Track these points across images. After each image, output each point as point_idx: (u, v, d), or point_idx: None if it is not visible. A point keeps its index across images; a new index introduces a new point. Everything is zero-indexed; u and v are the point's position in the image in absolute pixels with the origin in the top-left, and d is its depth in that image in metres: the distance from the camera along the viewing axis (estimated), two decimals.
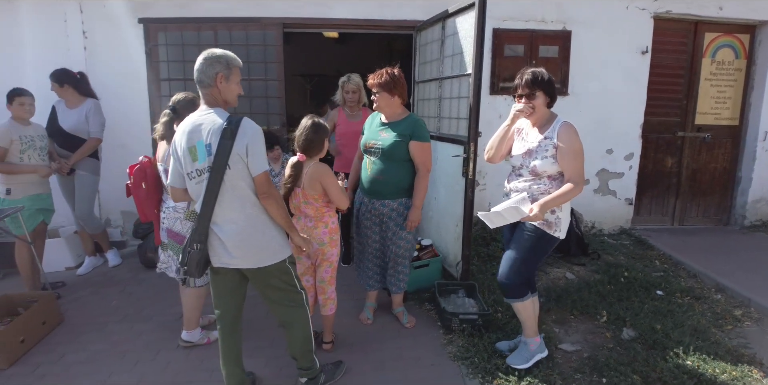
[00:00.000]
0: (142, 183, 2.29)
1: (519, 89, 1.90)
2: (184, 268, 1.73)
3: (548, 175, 1.90)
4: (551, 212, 1.90)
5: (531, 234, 1.93)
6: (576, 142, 1.85)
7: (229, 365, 1.87)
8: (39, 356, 2.37)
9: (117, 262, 3.43)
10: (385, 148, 2.20)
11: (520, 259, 1.95)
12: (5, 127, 2.82)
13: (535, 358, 2.06)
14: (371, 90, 2.24)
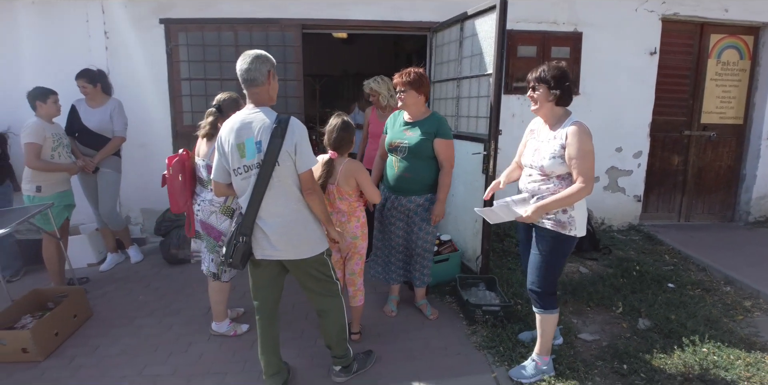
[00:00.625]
0: (179, 175, 2.36)
1: (528, 82, 1.91)
2: (229, 260, 1.81)
3: (557, 176, 1.86)
4: (563, 212, 1.87)
5: (547, 237, 1.91)
6: (585, 143, 1.79)
7: (268, 354, 1.95)
8: (73, 349, 2.44)
9: (139, 258, 3.49)
10: (412, 146, 2.28)
11: (544, 264, 1.93)
12: (38, 124, 2.88)
13: (540, 376, 1.99)
14: (396, 88, 2.32)
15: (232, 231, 1.80)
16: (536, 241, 1.96)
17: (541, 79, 1.84)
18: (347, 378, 2.04)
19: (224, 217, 2.29)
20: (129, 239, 3.47)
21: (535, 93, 1.87)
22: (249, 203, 1.75)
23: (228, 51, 3.53)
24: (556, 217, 1.88)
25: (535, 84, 1.86)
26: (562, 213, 1.88)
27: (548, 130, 1.92)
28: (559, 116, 1.89)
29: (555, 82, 1.83)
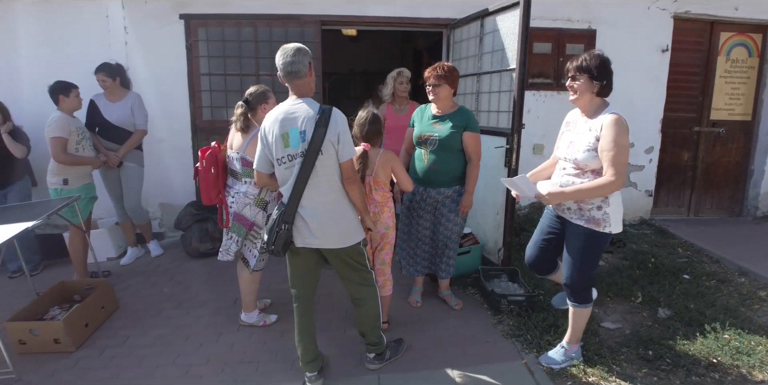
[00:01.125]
0: (212, 167, 2.39)
1: (568, 71, 1.86)
2: (271, 247, 1.85)
3: (591, 170, 1.82)
4: (597, 209, 1.84)
5: (581, 234, 1.89)
6: (620, 136, 1.74)
7: (305, 341, 1.99)
8: (103, 340, 2.47)
9: (159, 252, 3.52)
10: (443, 138, 2.33)
11: (579, 261, 1.93)
12: (63, 118, 2.90)
13: (570, 362, 2.05)
14: (427, 83, 2.36)
15: (275, 219, 1.84)
16: (568, 238, 1.96)
17: (583, 68, 1.80)
18: (380, 365, 2.09)
19: (258, 209, 2.33)
20: (150, 234, 3.49)
21: (575, 83, 1.83)
22: (292, 191, 1.79)
23: (248, 47, 3.55)
24: (590, 214, 1.86)
25: (576, 73, 1.82)
26: (596, 210, 1.85)
27: (585, 122, 1.88)
28: (597, 107, 1.86)
29: (598, 72, 1.79)
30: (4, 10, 3.48)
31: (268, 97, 2.38)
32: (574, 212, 1.93)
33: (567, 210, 1.95)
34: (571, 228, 1.95)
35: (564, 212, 1.96)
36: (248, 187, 2.33)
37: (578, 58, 1.87)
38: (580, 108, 1.93)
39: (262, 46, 3.55)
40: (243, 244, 2.40)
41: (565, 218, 1.97)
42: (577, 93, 1.86)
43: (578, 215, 1.91)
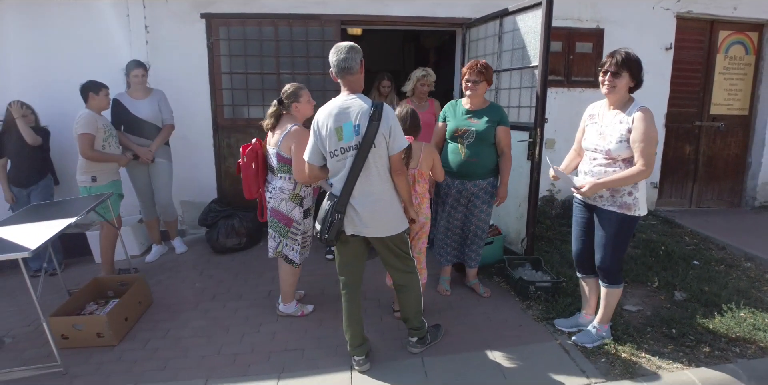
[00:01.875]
0: (252, 163, 2.47)
1: (606, 66, 1.95)
2: (325, 236, 1.93)
3: (623, 159, 1.95)
4: (628, 194, 1.98)
5: (613, 220, 2.01)
6: (650, 129, 1.88)
7: (353, 326, 2.08)
8: (144, 333, 2.52)
9: (183, 249, 3.55)
10: (480, 132, 2.44)
11: (612, 245, 2.05)
12: (91, 115, 2.94)
13: (601, 341, 2.17)
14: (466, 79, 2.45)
15: (327, 209, 1.93)
16: (601, 224, 2.08)
17: (625, 65, 1.91)
18: (423, 349, 2.19)
19: (294, 204, 2.41)
20: (176, 230, 3.53)
21: (615, 79, 1.93)
22: (345, 182, 1.88)
23: (268, 45, 3.61)
24: (622, 200, 1.99)
25: (618, 70, 1.92)
26: (627, 195, 1.99)
27: (613, 115, 2.00)
28: (626, 101, 2.00)
29: (638, 70, 1.92)
30: (28, 9, 3.48)
31: (300, 96, 2.44)
32: (606, 199, 2.05)
33: (599, 198, 2.07)
34: (603, 215, 2.07)
35: (596, 201, 2.09)
36: (283, 183, 2.41)
37: (617, 54, 1.96)
38: (612, 102, 2.03)
39: (283, 45, 3.61)
40: (285, 243, 2.47)
41: (596, 205, 2.10)
42: (616, 87, 1.95)
43: (611, 202, 2.04)
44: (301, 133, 2.27)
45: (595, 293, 2.29)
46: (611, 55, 1.99)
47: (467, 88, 2.46)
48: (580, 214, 2.22)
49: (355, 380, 2.02)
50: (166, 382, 2.08)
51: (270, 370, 2.13)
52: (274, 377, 2.07)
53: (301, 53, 3.63)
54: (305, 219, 2.44)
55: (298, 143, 2.23)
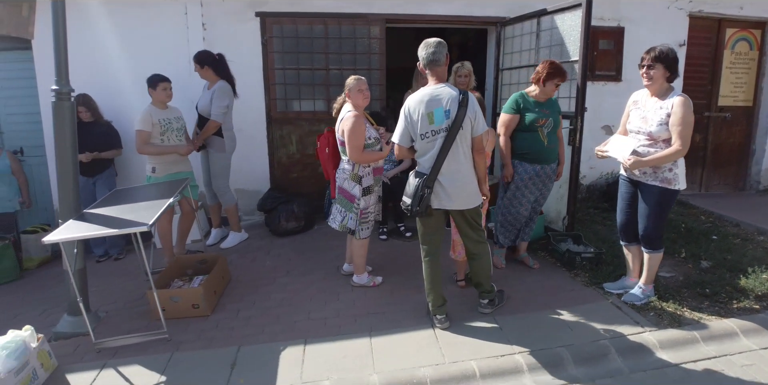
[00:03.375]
0: (326, 148, 2.75)
1: (644, 61, 2.28)
2: (416, 209, 2.21)
3: (663, 140, 2.26)
4: (668, 170, 2.30)
5: (656, 193, 2.33)
6: (687, 114, 2.18)
7: (435, 289, 2.36)
8: (233, 304, 2.77)
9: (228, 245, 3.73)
10: (557, 122, 2.77)
11: (654, 215, 2.36)
12: (146, 112, 3.13)
13: (647, 299, 2.49)
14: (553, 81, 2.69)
15: (417, 185, 2.20)
16: (644, 197, 2.39)
17: (660, 58, 2.24)
18: (492, 309, 2.49)
19: (354, 183, 2.68)
20: (236, 219, 3.71)
21: (651, 70, 2.26)
22: (435, 161, 2.16)
23: (318, 43, 3.86)
24: (663, 175, 2.31)
25: (653, 63, 2.25)
26: (668, 171, 2.31)
27: (654, 102, 2.32)
28: (665, 90, 2.32)
29: (672, 63, 2.24)
30: (92, 8, 3.67)
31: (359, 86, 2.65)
32: (649, 175, 2.37)
33: (643, 174, 2.39)
34: (646, 189, 2.39)
35: (640, 177, 2.40)
36: (345, 164, 2.70)
37: (654, 50, 2.29)
38: (652, 91, 2.36)
39: (332, 42, 3.86)
40: (349, 217, 2.74)
41: (640, 181, 2.41)
42: (653, 79, 2.28)
43: (653, 177, 2.35)
44: (353, 119, 2.53)
45: (638, 259, 2.60)
46: (648, 51, 2.31)
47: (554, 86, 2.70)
48: (625, 189, 2.54)
49: (439, 336, 2.31)
50: (268, 343, 2.34)
51: (360, 330, 2.40)
52: (366, 336, 2.34)
53: (348, 50, 3.89)
54: (364, 196, 2.71)
55: (349, 128, 2.51)
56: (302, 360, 2.18)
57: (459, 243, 2.73)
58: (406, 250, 3.45)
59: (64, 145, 2.47)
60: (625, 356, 2.11)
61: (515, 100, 2.80)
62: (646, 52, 2.34)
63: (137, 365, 2.23)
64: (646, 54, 2.31)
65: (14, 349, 2.12)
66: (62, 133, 2.46)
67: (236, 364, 2.18)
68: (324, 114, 4.04)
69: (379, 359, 2.14)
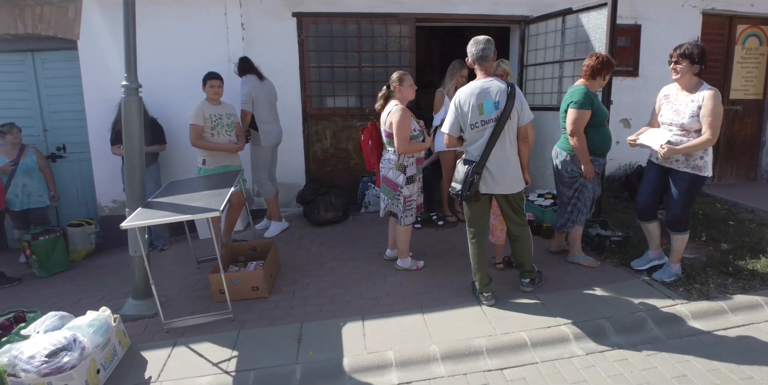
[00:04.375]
0: (369, 140, 2.93)
1: (672, 57, 2.46)
2: (466, 193, 2.39)
3: (695, 130, 2.42)
4: (699, 158, 2.46)
5: (686, 179, 2.50)
6: (717, 106, 2.33)
7: (482, 268, 2.56)
8: (288, 287, 2.96)
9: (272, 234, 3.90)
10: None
11: (684, 200, 2.53)
12: (199, 107, 3.31)
13: (675, 276, 2.69)
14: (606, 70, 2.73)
15: (467, 172, 2.39)
16: (675, 183, 2.56)
17: (685, 55, 2.42)
18: (533, 288, 2.68)
19: (398, 172, 2.87)
20: (276, 209, 3.89)
21: (678, 66, 2.45)
22: (484, 149, 2.35)
23: (352, 41, 4.04)
24: (695, 162, 2.48)
25: (679, 59, 2.43)
26: (699, 159, 2.47)
27: (685, 96, 2.48)
28: (695, 84, 2.48)
29: (698, 58, 2.40)
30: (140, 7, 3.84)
31: (404, 80, 2.85)
32: (681, 163, 2.54)
33: (676, 162, 2.56)
34: (678, 175, 2.56)
35: (672, 164, 2.58)
36: (390, 155, 2.88)
37: (681, 46, 2.46)
38: (681, 85, 2.53)
39: (364, 40, 4.05)
40: (392, 204, 2.93)
41: (672, 168, 2.59)
42: (680, 74, 2.47)
43: (685, 165, 2.53)
44: (401, 112, 2.71)
45: (657, 232, 2.79)
46: (676, 48, 2.48)
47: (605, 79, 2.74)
48: (654, 174, 2.70)
49: (487, 312, 2.50)
50: (329, 320, 2.53)
51: (411, 307, 2.59)
52: (418, 312, 2.53)
53: (380, 48, 4.07)
54: (408, 185, 2.89)
55: (397, 120, 2.69)
56: (363, 334, 2.37)
57: (498, 228, 2.92)
58: (442, 237, 3.65)
59: (132, 138, 2.65)
60: (661, 325, 2.31)
61: (588, 96, 2.68)
62: (674, 49, 2.51)
63: (207, 343, 2.42)
64: (674, 51, 2.50)
65: (99, 326, 2.31)
66: (130, 126, 2.64)
67: (302, 339, 2.37)
68: (356, 110, 4.24)
69: (434, 332, 2.34)
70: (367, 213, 4.18)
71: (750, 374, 1.95)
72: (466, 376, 2.06)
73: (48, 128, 4.39)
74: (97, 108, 4.03)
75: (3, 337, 2.30)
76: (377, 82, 4.13)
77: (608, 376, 2.00)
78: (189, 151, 3.91)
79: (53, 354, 2.09)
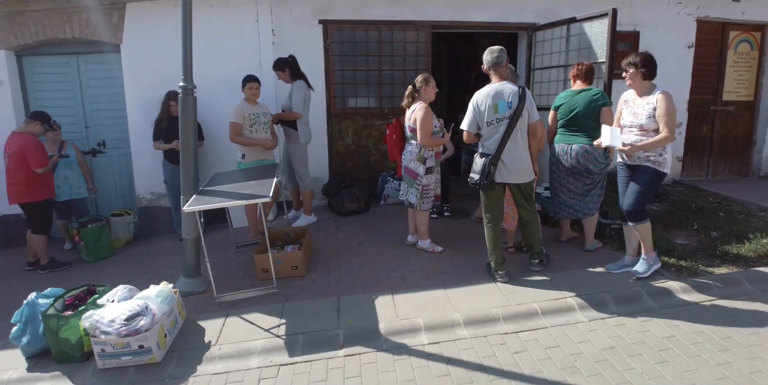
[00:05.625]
0: (393, 134, 3.30)
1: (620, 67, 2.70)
2: (483, 182, 2.74)
3: (653, 130, 2.61)
4: (659, 155, 2.63)
5: (648, 173, 2.66)
6: (670, 105, 2.54)
7: (497, 250, 2.90)
8: (322, 267, 3.30)
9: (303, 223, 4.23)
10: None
11: (641, 192, 2.67)
12: (239, 107, 3.66)
13: (653, 268, 2.79)
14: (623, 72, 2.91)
15: (484, 163, 2.73)
16: (638, 176, 2.73)
17: (630, 63, 2.65)
18: (542, 268, 3.02)
19: (419, 163, 3.22)
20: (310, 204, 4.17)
21: (626, 73, 2.68)
22: (499, 143, 2.69)
23: (373, 47, 4.38)
24: (656, 158, 2.68)
25: (627, 67, 2.66)
26: (659, 155, 2.67)
27: (642, 99, 2.69)
28: (647, 88, 2.69)
29: (641, 64, 2.62)
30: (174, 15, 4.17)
31: (429, 82, 3.21)
32: (643, 159, 2.72)
33: (638, 158, 2.74)
34: (640, 169, 2.73)
35: (635, 160, 2.76)
36: (412, 148, 3.24)
37: (627, 57, 2.68)
38: (636, 90, 2.74)
39: (385, 46, 4.39)
40: (410, 192, 3.28)
41: (635, 164, 2.76)
42: (630, 79, 2.69)
43: (647, 160, 2.71)
44: (425, 110, 3.07)
45: (634, 238, 2.91)
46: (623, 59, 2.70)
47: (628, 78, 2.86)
48: (624, 175, 2.89)
49: (501, 287, 2.84)
50: (362, 294, 2.87)
51: (434, 284, 2.93)
52: (441, 288, 2.88)
53: (399, 53, 4.41)
54: (427, 175, 3.24)
55: (421, 117, 3.04)
56: (394, 305, 2.71)
57: (510, 216, 3.26)
58: (457, 226, 3.99)
59: (188, 132, 2.99)
60: (655, 297, 2.65)
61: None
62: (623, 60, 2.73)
63: (257, 313, 2.76)
64: (623, 61, 2.72)
65: (165, 297, 2.66)
66: (186, 122, 2.98)
67: (340, 309, 2.71)
68: (376, 110, 4.58)
69: (456, 304, 2.68)
70: (387, 205, 4.52)
71: (729, 335, 2.29)
72: (486, 338, 2.40)
73: (89, 125, 4.74)
74: (137, 107, 4.38)
75: (80, 306, 2.64)
76: (395, 84, 4.47)
77: (608, 337, 2.34)
78: (221, 147, 4.27)
79: (130, 319, 2.43)
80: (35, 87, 4.68)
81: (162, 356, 2.46)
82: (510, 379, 2.07)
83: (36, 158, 3.71)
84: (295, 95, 3.86)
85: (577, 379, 2.04)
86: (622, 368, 2.10)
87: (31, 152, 3.69)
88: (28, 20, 4.35)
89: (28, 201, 3.83)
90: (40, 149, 3.79)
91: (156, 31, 4.26)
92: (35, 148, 3.73)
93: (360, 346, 2.39)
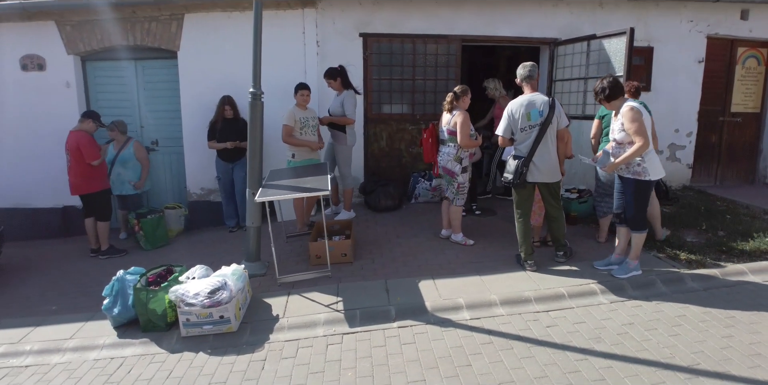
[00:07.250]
0: (429, 138, 3.70)
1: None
2: (516, 181, 3.12)
3: (627, 142, 2.83)
4: (637, 165, 2.84)
5: (632, 182, 2.89)
6: (633, 116, 2.72)
7: (527, 242, 3.26)
8: (367, 255, 3.68)
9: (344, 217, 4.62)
10: None
11: (632, 201, 2.93)
12: (291, 111, 4.06)
13: (632, 273, 3.03)
14: None
15: (517, 165, 3.11)
16: (624, 188, 3.00)
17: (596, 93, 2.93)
18: (566, 259, 3.38)
19: (456, 163, 3.62)
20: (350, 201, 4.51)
21: (596, 100, 3.00)
22: (531, 147, 3.07)
23: (408, 58, 4.80)
24: (634, 169, 2.90)
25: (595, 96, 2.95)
26: (636, 166, 2.87)
27: (616, 117, 2.95)
28: (618, 106, 2.91)
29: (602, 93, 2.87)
30: (232, 25, 4.64)
31: (467, 93, 3.62)
32: (624, 171, 3.01)
33: (620, 170, 3.04)
34: (625, 181, 3.03)
35: (619, 171, 3.06)
36: (450, 149, 3.63)
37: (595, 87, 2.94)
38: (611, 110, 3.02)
39: (418, 57, 4.80)
40: (447, 188, 3.67)
41: (621, 175, 3.05)
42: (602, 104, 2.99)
43: (628, 172, 2.99)
44: (464, 115, 3.48)
45: (624, 238, 3.19)
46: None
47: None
48: (618, 182, 3.16)
49: (530, 275, 3.21)
50: (407, 278, 3.24)
51: (470, 271, 3.30)
52: (476, 275, 3.24)
53: (431, 64, 4.82)
54: (462, 174, 3.63)
55: (461, 121, 3.46)
56: (436, 288, 3.08)
57: (536, 213, 3.63)
58: (485, 223, 4.36)
59: (255, 133, 3.40)
60: (667, 284, 3.01)
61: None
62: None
63: (315, 292, 3.14)
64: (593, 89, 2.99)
65: (239, 275, 3.05)
66: (254, 124, 3.39)
67: (389, 290, 3.09)
68: (409, 116, 4.98)
69: (491, 288, 3.04)
70: (417, 203, 4.90)
71: (732, 315, 2.64)
72: (520, 315, 2.76)
73: (144, 125, 5.18)
74: (191, 109, 4.81)
75: (163, 283, 3.04)
76: (427, 92, 4.88)
77: (628, 315, 2.70)
78: (267, 148, 4.65)
79: (213, 292, 2.82)
80: (97, 89, 5.13)
81: (237, 326, 2.84)
82: (545, 346, 2.43)
83: (89, 152, 4.09)
84: (349, 102, 4.19)
85: (603, 347, 2.40)
86: (640, 339, 2.45)
87: (85, 147, 4.08)
88: (95, 28, 4.80)
89: (85, 192, 4.25)
90: (93, 144, 4.18)
91: (210, 40, 4.69)
92: (88, 143, 4.11)
93: (410, 320, 2.76)
